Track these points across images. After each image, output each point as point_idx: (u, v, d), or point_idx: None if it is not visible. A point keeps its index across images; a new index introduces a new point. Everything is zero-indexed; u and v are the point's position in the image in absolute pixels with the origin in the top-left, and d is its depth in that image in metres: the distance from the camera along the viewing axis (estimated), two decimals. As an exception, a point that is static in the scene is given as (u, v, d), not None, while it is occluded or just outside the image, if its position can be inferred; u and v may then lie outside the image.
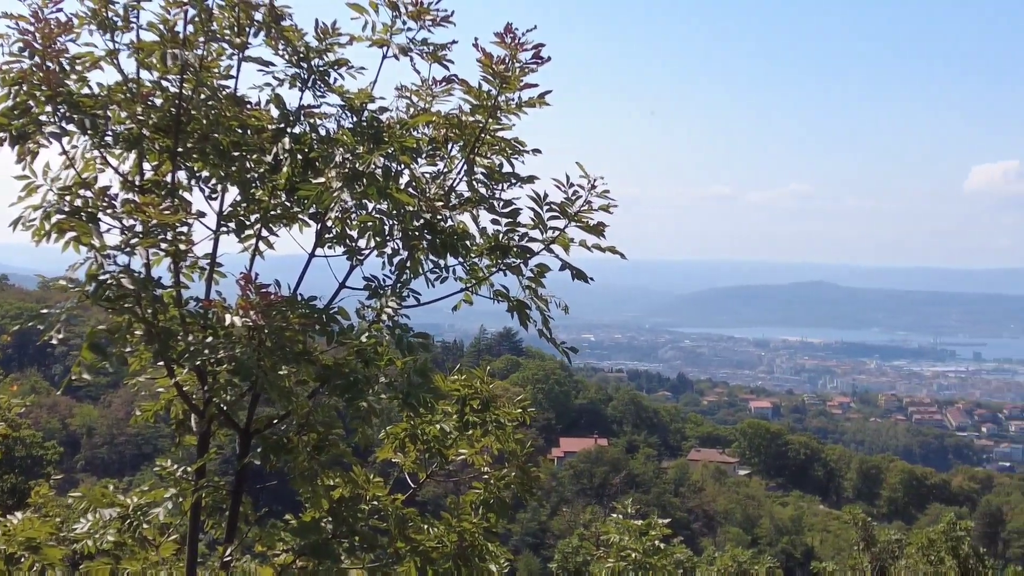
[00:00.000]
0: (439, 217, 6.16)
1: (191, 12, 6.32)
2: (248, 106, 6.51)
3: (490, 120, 6.42)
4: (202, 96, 6.31)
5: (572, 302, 6.42)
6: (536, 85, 6.40)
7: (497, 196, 6.46)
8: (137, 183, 6.42)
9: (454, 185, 6.48)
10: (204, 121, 6.26)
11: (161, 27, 6.35)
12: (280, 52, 6.61)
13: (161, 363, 6.29)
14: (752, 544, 64.92)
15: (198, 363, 5.70)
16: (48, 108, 6.05)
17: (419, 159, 6.50)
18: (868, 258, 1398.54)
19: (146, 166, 6.49)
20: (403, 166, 6.28)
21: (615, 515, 13.53)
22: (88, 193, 6.06)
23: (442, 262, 6.32)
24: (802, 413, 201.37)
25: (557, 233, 6.31)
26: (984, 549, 21.44)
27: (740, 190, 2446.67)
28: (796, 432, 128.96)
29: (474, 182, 6.48)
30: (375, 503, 6.74)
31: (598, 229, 6.29)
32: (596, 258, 6.51)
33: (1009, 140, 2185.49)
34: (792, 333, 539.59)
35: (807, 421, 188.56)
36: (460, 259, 6.38)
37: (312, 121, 6.60)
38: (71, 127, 6.12)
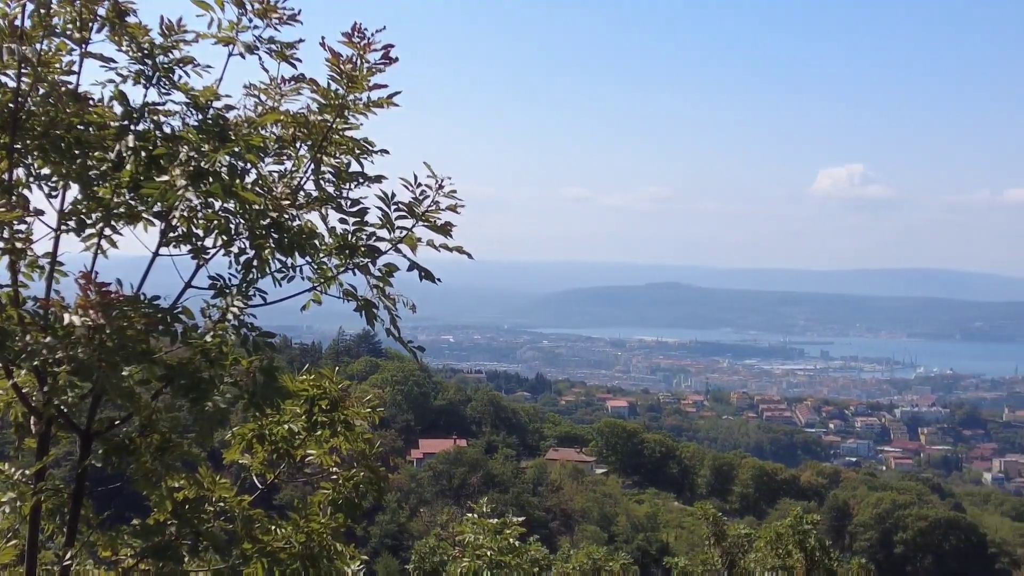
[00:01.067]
0: (286, 216, 6.13)
1: (30, 6, 6.17)
2: (90, 103, 6.38)
3: (338, 119, 6.41)
4: (41, 92, 6.17)
5: (431, 304, 6.49)
6: (385, 86, 6.42)
7: (345, 195, 6.44)
8: (-29, 181, 6.24)
9: (302, 184, 6.45)
10: (44, 118, 6.12)
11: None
12: (124, 48, 6.48)
13: (-1, 364, 6.13)
14: (609, 541, 65.76)
15: (36, 364, 5.55)
16: None
17: (266, 158, 6.44)
18: (722, 259, 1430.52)
19: (-19, 163, 6.31)
20: (250, 165, 6.20)
21: (471, 515, 13.60)
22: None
23: (290, 261, 6.28)
24: (658, 412, 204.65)
25: (405, 233, 6.34)
26: (831, 542, 22.10)
27: (597, 192, 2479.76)
28: (652, 430, 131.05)
29: (322, 181, 6.45)
30: (221, 504, 6.66)
31: (445, 228, 6.35)
32: (455, 260, 6.56)
33: (854, 144, 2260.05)
34: (648, 333, 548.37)
35: (662, 419, 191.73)
36: (308, 258, 6.36)
37: (156, 119, 6.47)
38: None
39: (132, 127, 6.39)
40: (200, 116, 6.42)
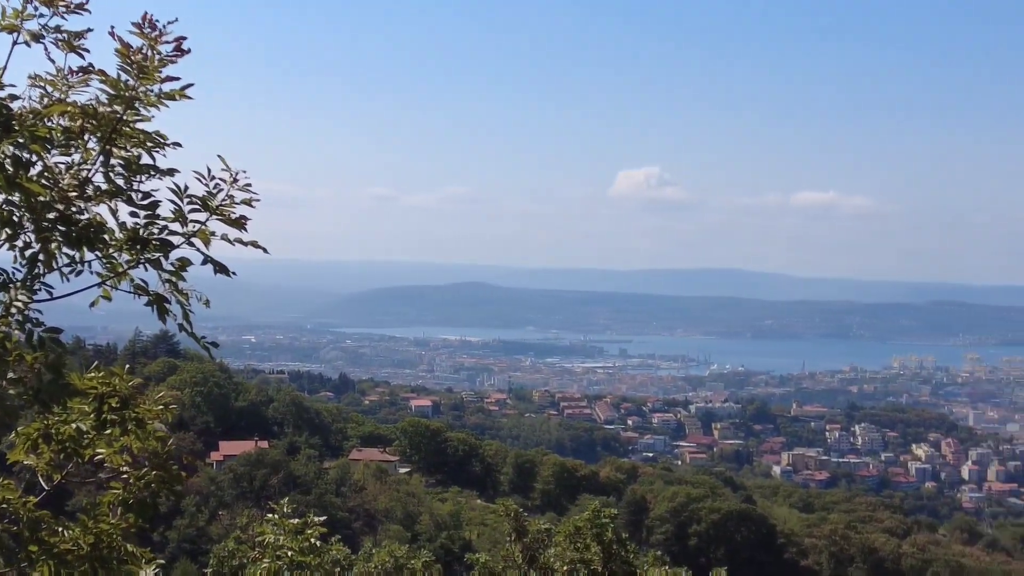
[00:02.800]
0: (74, 209, 5.97)
1: None
2: None
3: (128, 111, 6.27)
4: None
5: (233, 304, 6.44)
6: (178, 78, 6.32)
7: (136, 188, 6.31)
8: None
9: (90, 176, 6.29)
10: None
11: None
12: None
13: None
14: (412, 540, 65.80)
15: None
16: None
17: (53, 149, 6.25)
18: (526, 259, 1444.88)
19: None
20: (35, 156, 6.02)
21: (271, 515, 13.44)
22: None
23: (78, 255, 6.12)
24: (461, 410, 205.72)
25: (198, 227, 6.24)
26: (628, 535, 22.58)
27: (400, 191, 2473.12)
28: (455, 429, 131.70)
29: (111, 174, 6.29)
30: (5, 506, 6.43)
31: (240, 222, 6.28)
32: (259, 259, 6.54)
33: (651, 146, 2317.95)
34: (452, 332, 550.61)
35: (466, 418, 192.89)
36: (97, 253, 6.20)
37: (-65, 107, 6.22)
38: None
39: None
40: (-19, 106, 6.18)
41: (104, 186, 6.23)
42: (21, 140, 5.86)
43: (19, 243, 6.02)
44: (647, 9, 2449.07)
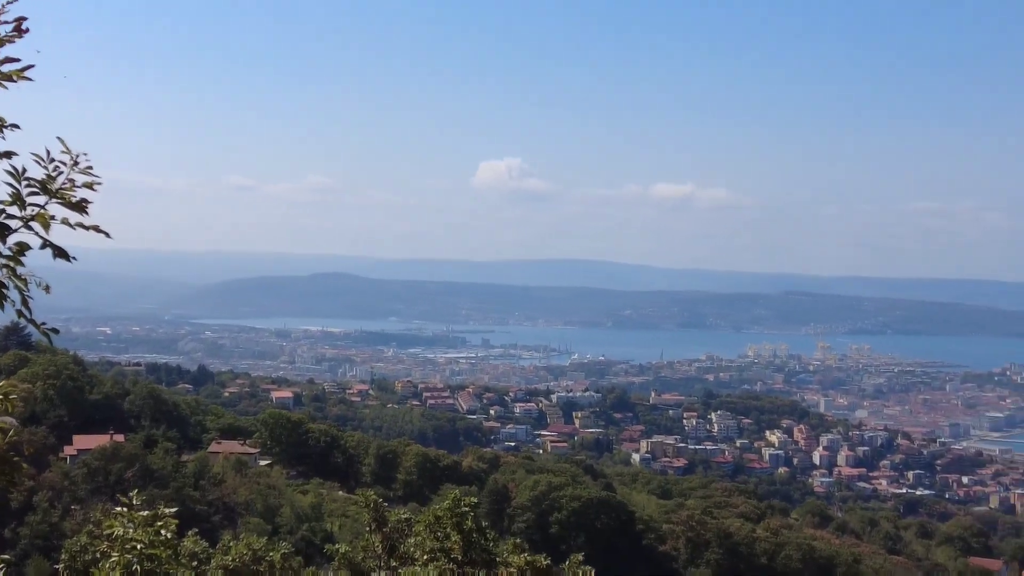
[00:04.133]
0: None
1: None
2: None
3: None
4: None
5: (89, 294, 6.27)
6: (18, 59, 6.13)
7: (-30, 171, 6.09)
8: None
9: (-78, 159, 6.06)
10: None
11: None
12: None
13: None
14: (273, 533, 65.03)
15: None
16: None
17: None
18: (389, 250, 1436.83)
19: None
20: None
21: (120, 508, 13.14)
22: None
23: (-90, 240, 5.90)
24: (323, 401, 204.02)
25: (37, 210, 6.07)
26: (487, 523, 22.71)
27: (261, 181, 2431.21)
28: (317, 420, 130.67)
29: (-55, 155, 6.08)
30: None
31: (81, 206, 6.12)
32: (114, 249, 6.44)
33: (512, 137, 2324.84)
34: (314, 323, 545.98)
35: (328, 409, 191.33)
36: (-70, 237, 5.98)
37: None
38: None
39: None
40: None
41: (-63, 168, 6.02)
42: None
43: None
44: (506, 1, 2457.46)
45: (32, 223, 6.11)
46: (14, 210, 6.10)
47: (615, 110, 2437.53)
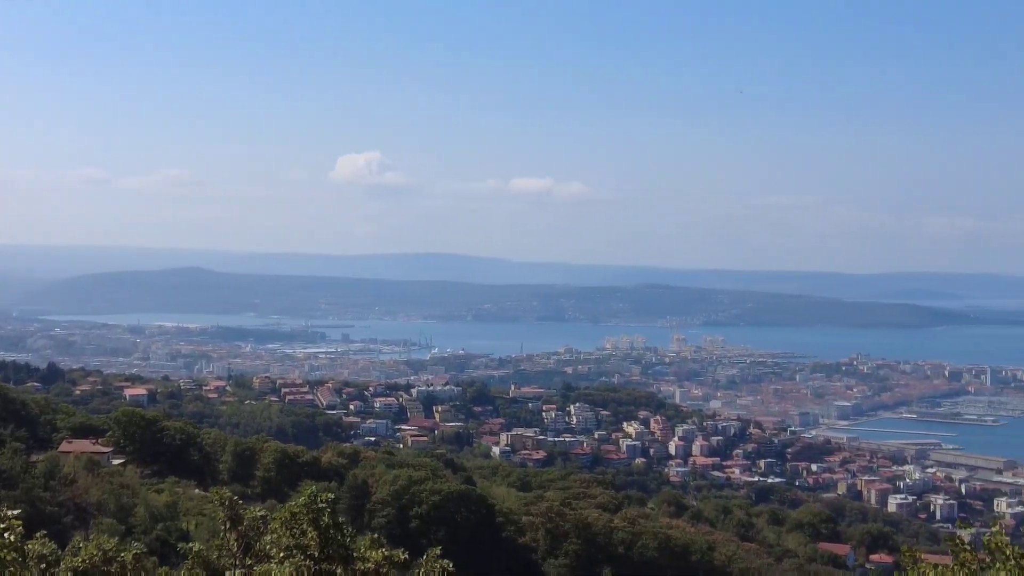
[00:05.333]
0: None
1: None
2: None
3: None
4: None
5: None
6: None
7: None
8: None
9: None
10: None
11: None
12: None
13: None
14: (127, 533, 63.63)
15: None
16: None
17: None
18: (247, 245, 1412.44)
19: None
20: None
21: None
22: None
23: None
24: (179, 398, 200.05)
25: None
26: (347, 519, 22.70)
27: (114, 174, 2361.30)
28: (172, 418, 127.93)
29: None
30: None
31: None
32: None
33: (370, 131, 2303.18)
34: (169, 319, 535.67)
35: (184, 406, 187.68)
36: None
37: None
38: None
39: None
40: None
41: None
42: None
43: None
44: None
45: None
46: None
47: (475, 105, 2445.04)
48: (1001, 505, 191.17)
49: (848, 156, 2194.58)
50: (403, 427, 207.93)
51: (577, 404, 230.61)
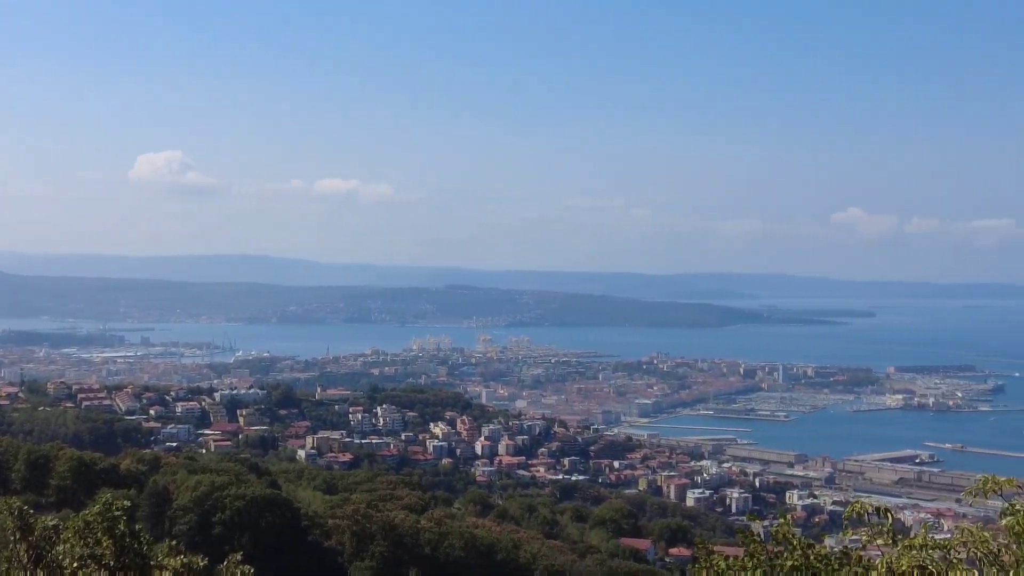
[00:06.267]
0: None
1: None
2: None
3: None
4: None
5: None
6: None
7: None
8: None
9: None
10: None
11: None
12: None
13: None
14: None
15: None
16: None
17: None
18: (42, 246, 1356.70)
19: None
20: None
21: None
22: None
23: None
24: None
25: None
26: (146, 526, 22.32)
27: None
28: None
29: None
30: None
31: None
32: None
33: (171, 130, 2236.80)
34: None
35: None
36: None
37: None
38: None
39: None
40: None
41: None
42: None
43: None
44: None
45: None
46: None
47: (279, 104, 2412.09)
48: (793, 497, 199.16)
49: (648, 160, 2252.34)
50: (206, 432, 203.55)
51: (384, 406, 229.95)
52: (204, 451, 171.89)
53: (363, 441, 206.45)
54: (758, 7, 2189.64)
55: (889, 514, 15.54)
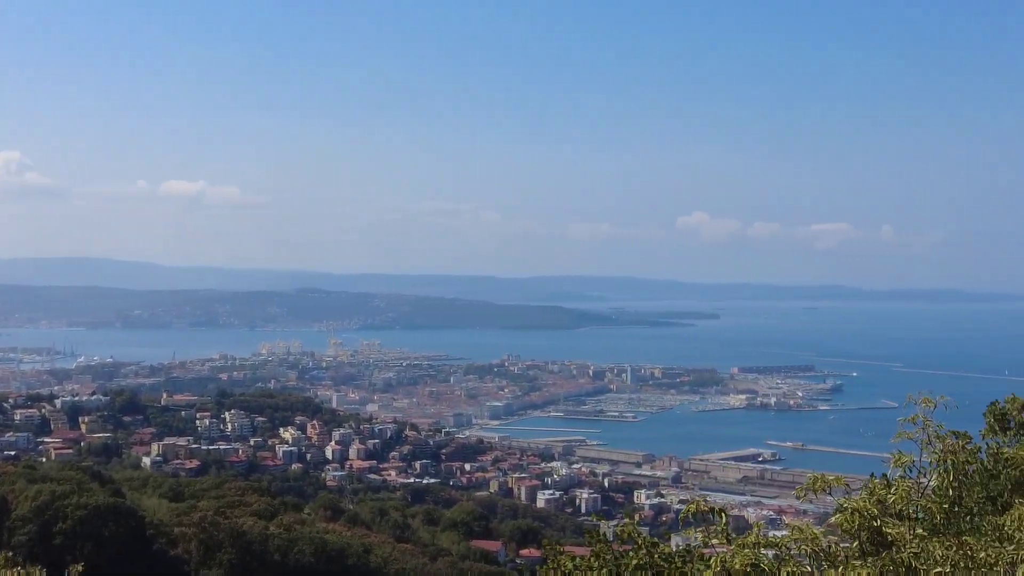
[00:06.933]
0: None
1: None
2: None
3: None
4: None
5: None
6: None
7: None
8: None
9: None
10: None
11: None
12: None
13: None
14: None
15: None
16: None
17: None
18: None
19: None
20: None
21: None
22: None
23: None
24: None
25: None
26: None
27: None
28: None
29: None
30: None
31: None
32: None
33: (8, 130, 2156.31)
34: None
35: None
36: None
37: None
38: None
39: None
40: None
41: None
42: None
43: None
44: None
45: None
46: None
47: (123, 104, 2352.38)
48: (641, 497, 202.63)
49: (498, 164, 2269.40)
50: (46, 440, 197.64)
51: (232, 411, 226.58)
52: (44, 459, 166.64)
53: (211, 447, 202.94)
54: (599, 11, 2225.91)
55: (723, 513, 16.14)
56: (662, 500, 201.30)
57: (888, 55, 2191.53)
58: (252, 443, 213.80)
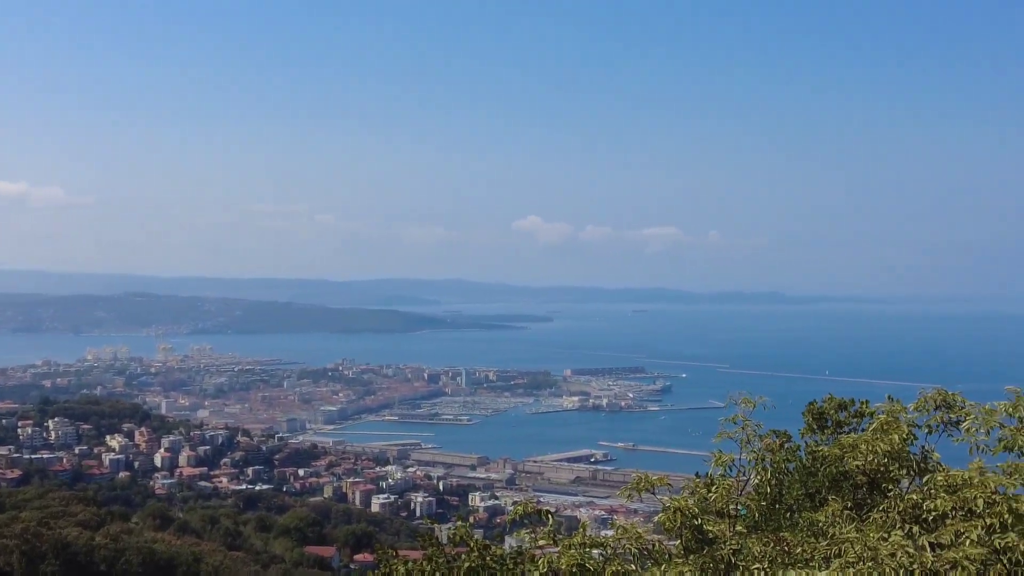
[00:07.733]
0: None
1: None
2: None
3: None
4: None
5: None
6: None
7: None
8: None
9: None
10: None
11: None
12: None
13: None
14: None
15: None
16: None
17: None
18: None
19: None
20: None
21: None
22: None
23: None
24: None
25: None
26: None
27: None
28: None
29: None
30: None
31: None
32: None
33: None
34: None
35: None
36: None
37: None
38: None
39: None
40: None
41: None
42: None
43: None
44: None
45: None
46: None
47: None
48: (475, 499, 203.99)
49: (331, 165, 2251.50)
50: None
51: (56, 419, 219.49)
52: None
53: (33, 456, 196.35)
54: (427, 9, 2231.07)
55: (551, 515, 16.84)
56: (496, 502, 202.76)
57: (717, 65, 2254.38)
58: (77, 452, 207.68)
